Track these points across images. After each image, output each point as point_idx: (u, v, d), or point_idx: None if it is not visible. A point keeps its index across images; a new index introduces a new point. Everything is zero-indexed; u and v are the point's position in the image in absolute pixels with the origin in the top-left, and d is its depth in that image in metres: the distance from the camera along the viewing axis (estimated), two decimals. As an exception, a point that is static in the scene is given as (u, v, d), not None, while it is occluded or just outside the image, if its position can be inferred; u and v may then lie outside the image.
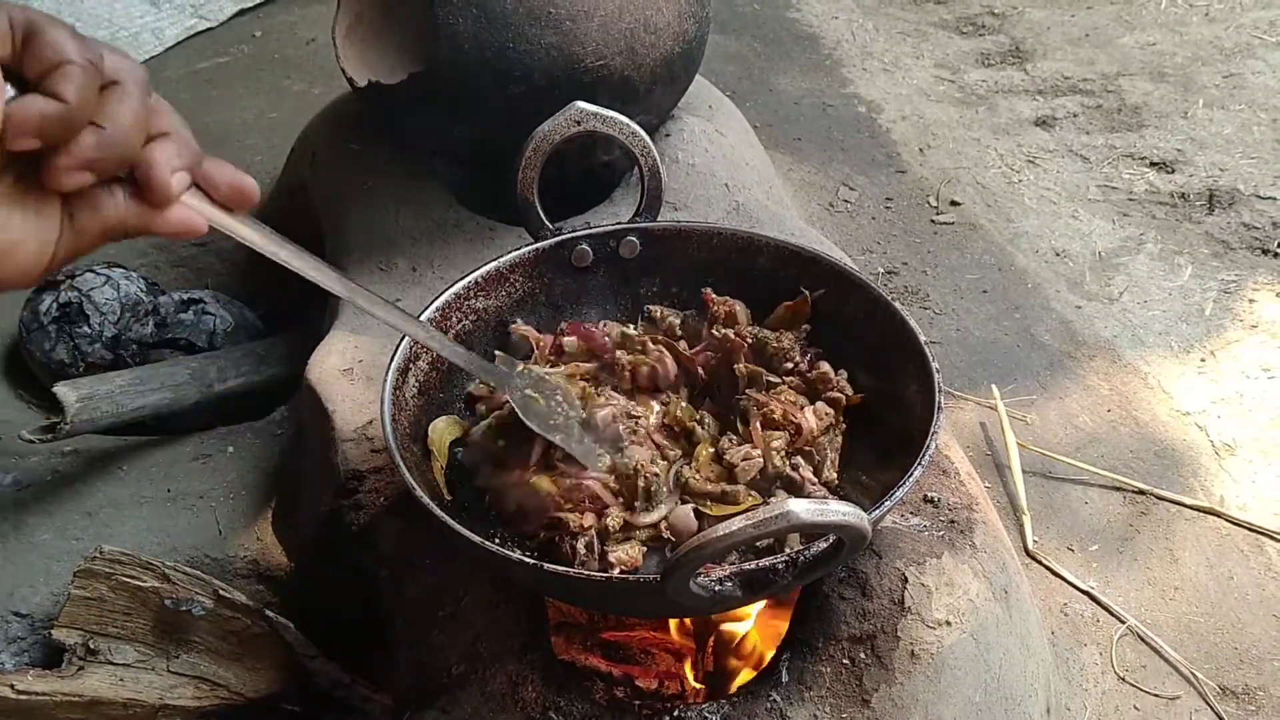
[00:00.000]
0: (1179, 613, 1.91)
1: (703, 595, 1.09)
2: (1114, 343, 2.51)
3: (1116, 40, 3.84)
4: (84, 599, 1.56)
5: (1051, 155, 3.22)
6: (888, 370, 1.42)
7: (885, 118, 3.42)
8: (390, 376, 1.37)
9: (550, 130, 1.52)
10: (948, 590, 1.35)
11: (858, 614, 1.32)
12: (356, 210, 2.21)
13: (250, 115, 3.23)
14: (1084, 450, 2.21)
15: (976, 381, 2.38)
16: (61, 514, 1.85)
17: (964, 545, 1.44)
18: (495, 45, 1.91)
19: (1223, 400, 2.34)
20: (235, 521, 1.85)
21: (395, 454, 1.27)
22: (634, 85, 2.03)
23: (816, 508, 1.00)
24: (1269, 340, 2.49)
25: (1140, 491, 2.12)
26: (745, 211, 2.16)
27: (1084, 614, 1.90)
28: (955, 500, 1.53)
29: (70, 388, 1.83)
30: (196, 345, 2.18)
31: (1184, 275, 2.72)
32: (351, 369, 1.80)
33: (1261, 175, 3.07)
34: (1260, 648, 1.85)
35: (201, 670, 1.60)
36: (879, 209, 2.96)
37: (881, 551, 1.37)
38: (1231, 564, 1.98)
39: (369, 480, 1.63)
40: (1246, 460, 2.20)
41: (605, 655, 1.45)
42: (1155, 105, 3.44)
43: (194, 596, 1.58)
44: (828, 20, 4.05)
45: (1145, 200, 3.00)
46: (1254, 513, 2.08)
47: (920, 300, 2.61)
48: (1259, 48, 3.73)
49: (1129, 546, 2.02)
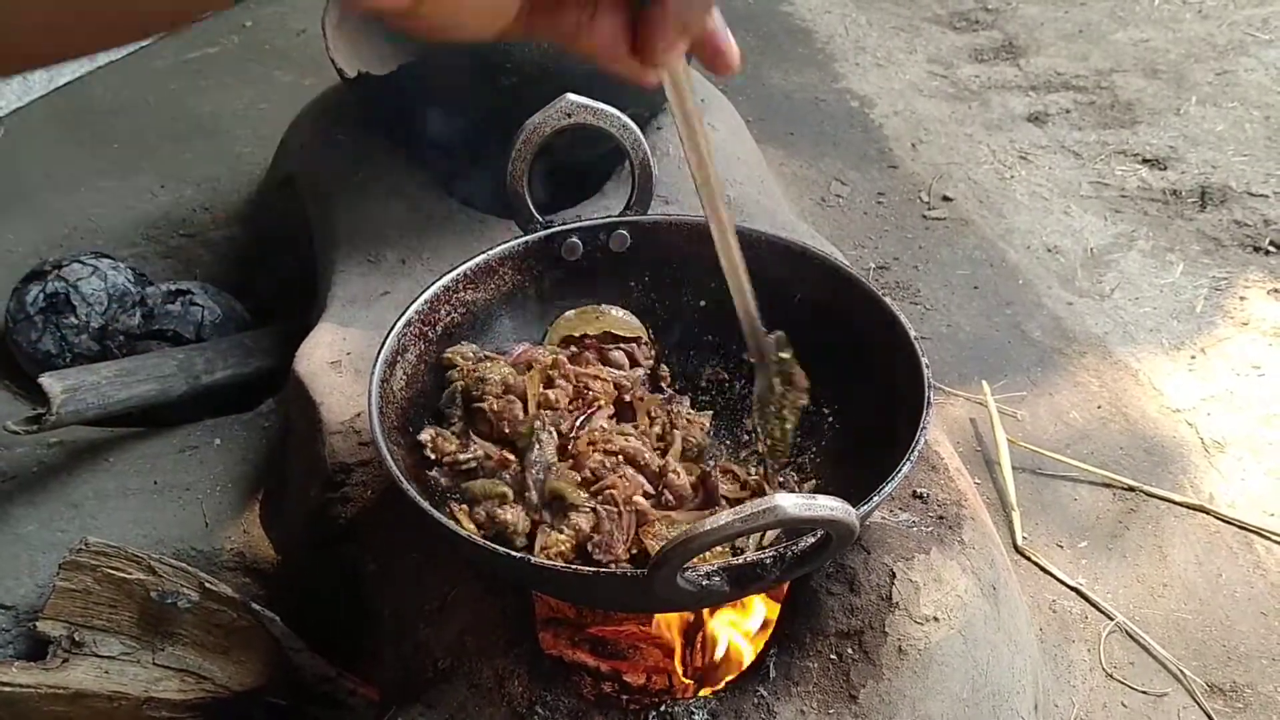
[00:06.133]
0: (1167, 610, 1.90)
1: (690, 590, 1.08)
2: (1105, 339, 2.50)
3: (1110, 36, 3.84)
4: (69, 591, 1.55)
5: (1044, 151, 3.22)
6: (878, 365, 1.41)
7: (878, 112, 3.41)
8: (378, 369, 1.36)
9: (541, 122, 1.52)
10: (936, 586, 1.34)
11: (845, 609, 1.31)
12: (345, 201, 2.20)
13: (240, 106, 3.21)
14: (1074, 446, 2.21)
15: (967, 377, 2.37)
16: (47, 505, 1.84)
17: (952, 541, 1.43)
18: (486, 36, 1.90)
19: (1213, 397, 2.34)
20: (222, 514, 1.84)
21: (381, 446, 1.26)
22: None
23: (804, 502, 0.99)
24: (1259, 338, 2.49)
25: (1130, 488, 2.11)
26: (736, 205, 2.15)
27: (1073, 610, 1.89)
28: (944, 496, 1.52)
29: (56, 379, 1.81)
30: (184, 337, 2.16)
31: (1175, 272, 2.72)
32: (340, 361, 1.79)
33: (1253, 172, 3.07)
34: (1248, 645, 1.85)
35: (187, 663, 1.59)
36: (871, 204, 2.96)
37: (870, 547, 1.36)
38: (1220, 561, 1.98)
39: (356, 473, 1.62)
40: (1236, 458, 2.20)
41: (593, 650, 1.44)
42: (1148, 102, 3.44)
43: (179, 589, 1.57)
44: (821, 14, 4.05)
45: (1137, 197, 3.00)
46: (1243, 510, 2.08)
47: (911, 295, 2.61)
48: (1252, 45, 3.73)
49: (1118, 543, 2.02)
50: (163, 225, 2.66)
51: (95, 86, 3.25)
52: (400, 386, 1.41)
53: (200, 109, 3.17)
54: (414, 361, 1.45)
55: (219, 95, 3.27)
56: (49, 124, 3.14)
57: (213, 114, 3.15)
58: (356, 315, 1.90)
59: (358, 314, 1.90)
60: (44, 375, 1.82)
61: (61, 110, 3.19)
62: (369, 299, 1.94)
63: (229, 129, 3.06)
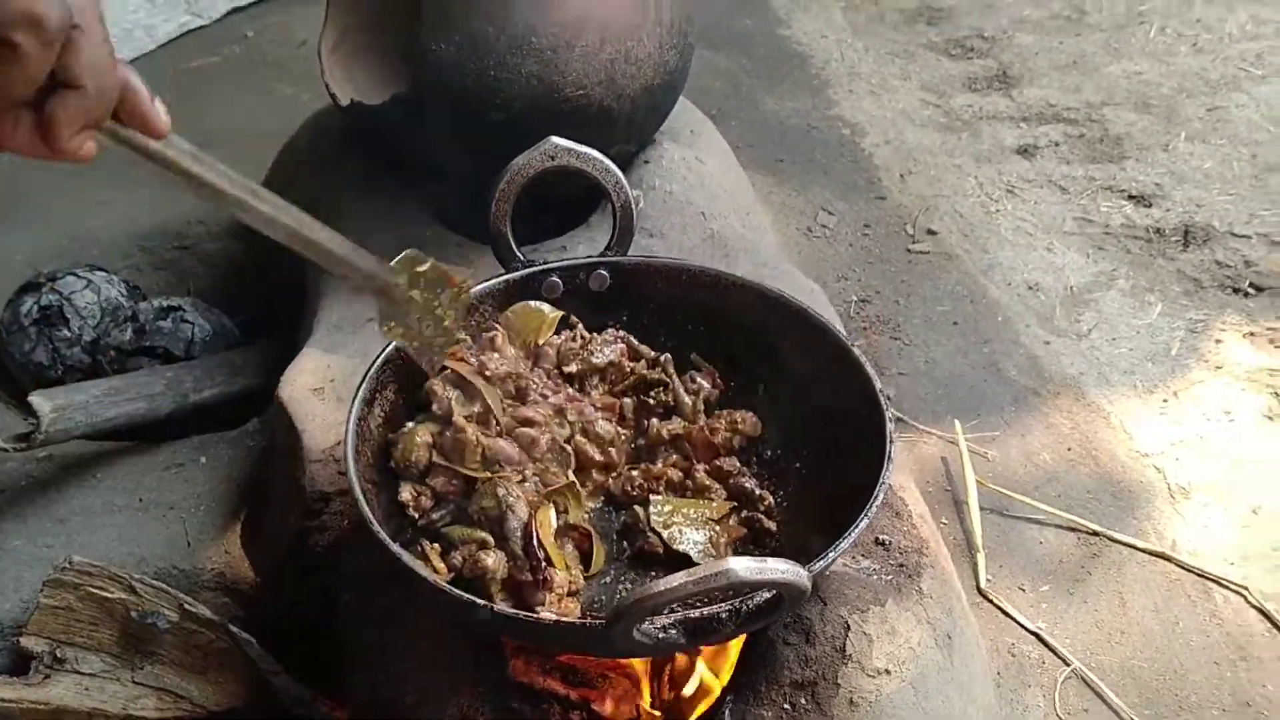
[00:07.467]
0: (1124, 656, 1.94)
1: (647, 642, 1.13)
2: (1079, 380, 2.54)
3: (1103, 68, 3.88)
4: (52, 608, 1.59)
5: (1031, 185, 3.26)
6: (846, 414, 1.45)
7: (868, 141, 3.45)
8: (355, 409, 1.40)
9: (525, 164, 1.56)
10: (889, 638, 1.38)
11: (801, 660, 1.35)
12: (336, 224, 2.21)
13: (239, 119, 3.24)
14: (1042, 489, 2.24)
15: (941, 415, 2.41)
16: (34, 520, 1.87)
17: (910, 590, 1.48)
18: (477, 72, 1.93)
19: (1182, 442, 2.37)
20: (204, 533, 1.87)
21: (356, 490, 1.30)
22: (614, 114, 2.06)
23: (756, 566, 1.04)
24: (1232, 382, 2.53)
25: (1094, 533, 2.15)
26: (720, 240, 2.18)
27: (1031, 655, 1.93)
28: (906, 544, 1.56)
29: (45, 398, 1.85)
30: (174, 354, 2.20)
31: (1153, 313, 2.76)
32: (323, 388, 1.83)
33: (1237, 212, 3.10)
34: (1200, 694, 1.88)
35: (165, 682, 1.63)
36: (857, 235, 2.99)
37: (827, 598, 1.40)
38: (1178, 609, 2.01)
39: (335, 503, 1.66)
40: (1201, 504, 2.23)
41: (564, 678, 1.47)
42: (1137, 136, 3.48)
43: (159, 610, 1.61)
44: (818, 39, 4.09)
45: (1121, 234, 3.04)
46: (1205, 558, 2.11)
47: (891, 330, 2.65)
48: (1244, 80, 3.76)
49: (1080, 588, 2.05)
50: (158, 238, 2.70)
51: (95, 94, 3.27)
52: (378, 424, 1.45)
53: (200, 121, 3.19)
54: (392, 399, 1.49)
55: (218, 107, 3.31)
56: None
57: (212, 127, 3.17)
58: (341, 341, 1.93)
59: (342, 340, 1.93)
60: (33, 394, 1.86)
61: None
62: (354, 324, 1.97)
63: (227, 142, 3.06)
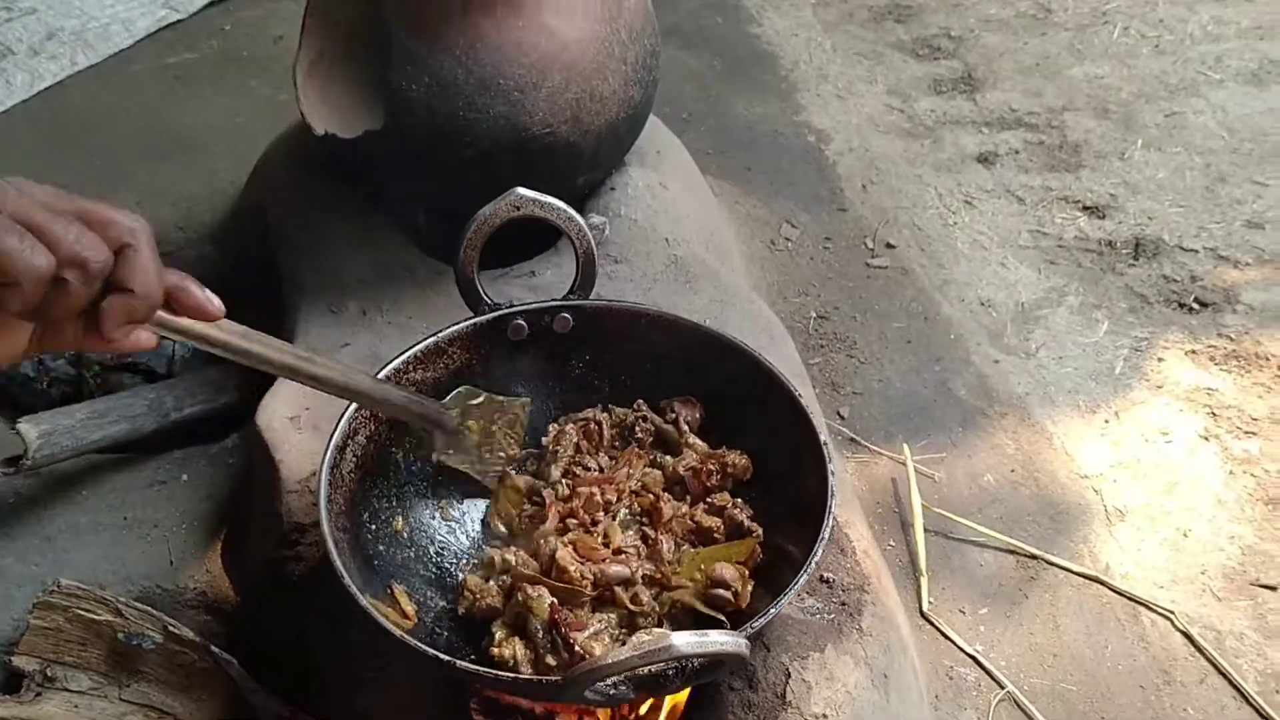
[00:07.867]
0: (1054, 680, 2.02)
1: (599, 699, 1.24)
2: (1025, 400, 2.61)
3: (1066, 71, 3.93)
4: (42, 629, 1.68)
5: (989, 195, 3.33)
6: (795, 460, 1.53)
7: (833, 149, 3.51)
8: (328, 456, 1.47)
9: (491, 214, 1.62)
10: (827, 684, 1.48)
11: (744, 705, 1.45)
12: (311, 246, 2.29)
13: (217, 118, 3.29)
14: (985, 510, 2.32)
15: (892, 435, 2.49)
16: (23, 538, 1.94)
17: (851, 630, 1.57)
18: (446, 112, 2.01)
19: (1120, 464, 2.45)
20: (187, 552, 1.94)
21: (328, 537, 1.38)
22: (580, 149, 2.14)
23: (696, 641, 1.14)
24: (1172, 402, 2.60)
25: (1032, 556, 2.22)
26: (682, 266, 2.25)
27: (968, 677, 2.01)
28: (849, 580, 1.66)
29: (32, 424, 1.93)
30: (156, 372, 2.28)
31: (1100, 331, 2.83)
32: (299, 416, 1.89)
33: (1187, 225, 3.17)
34: (1125, 718, 1.96)
35: (151, 699, 1.71)
36: (818, 249, 3.06)
37: (770, 644, 1.49)
38: (1108, 633, 2.10)
39: (310, 533, 1.73)
40: (1135, 527, 2.31)
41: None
42: (1095, 144, 3.54)
43: (145, 631, 1.70)
44: (788, 38, 4.13)
45: (1073, 247, 3.11)
46: (1136, 581, 2.19)
47: (848, 348, 2.72)
48: (1203, 85, 3.82)
49: (1016, 610, 2.13)
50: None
51: (74, 93, 3.34)
52: (350, 469, 1.53)
53: (178, 121, 3.25)
54: (364, 444, 1.55)
55: (196, 106, 3.36)
56: (29, 134, 3.23)
57: (190, 126, 3.24)
58: (317, 369, 1.99)
59: (319, 367, 2.00)
60: (21, 421, 1.93)
61: (42, 119, 3.28)
62: (330, 351, 2.02)
63: (206, 143, 3.15)
